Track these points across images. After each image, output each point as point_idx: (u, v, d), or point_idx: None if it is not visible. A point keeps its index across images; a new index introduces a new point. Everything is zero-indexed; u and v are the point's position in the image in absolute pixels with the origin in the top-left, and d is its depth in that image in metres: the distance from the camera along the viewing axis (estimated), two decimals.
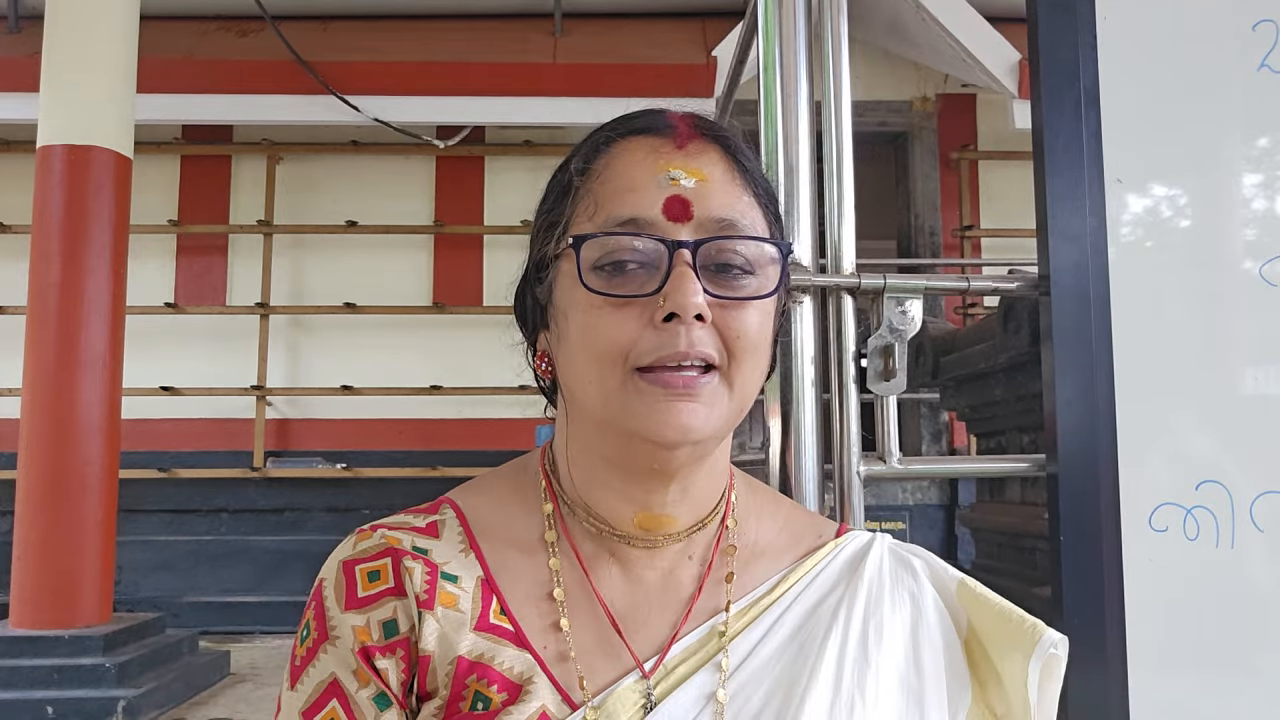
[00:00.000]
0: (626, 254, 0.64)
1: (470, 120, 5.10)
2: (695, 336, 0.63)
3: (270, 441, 5.48)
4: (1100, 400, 1.04)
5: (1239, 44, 1.09)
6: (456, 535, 0.72)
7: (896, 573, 0.74)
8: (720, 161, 0.68)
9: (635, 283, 0.64)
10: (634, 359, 0.63)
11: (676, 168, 0.66)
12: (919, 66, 5.74)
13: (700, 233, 0.65)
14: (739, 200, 0.67)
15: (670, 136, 0.68)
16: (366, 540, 0.70)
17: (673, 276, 0.63)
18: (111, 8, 3.90)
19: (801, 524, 0.79)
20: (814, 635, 0.69)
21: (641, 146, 0.68)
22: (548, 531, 0.72)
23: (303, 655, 0.68)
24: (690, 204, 0.65)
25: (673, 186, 0.65)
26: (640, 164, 0.67)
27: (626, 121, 0.70)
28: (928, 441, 5.60)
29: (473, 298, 5.56)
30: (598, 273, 0.64)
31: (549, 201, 0.71)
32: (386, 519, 0.73)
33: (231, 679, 4.25)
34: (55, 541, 3.68)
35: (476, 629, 0.67)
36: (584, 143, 0.71)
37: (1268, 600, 1.04)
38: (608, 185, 0.67)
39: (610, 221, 0.65)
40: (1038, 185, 1.07)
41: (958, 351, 2.77)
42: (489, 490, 0.76)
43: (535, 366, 0.74)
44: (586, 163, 0.69)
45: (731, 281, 0.66)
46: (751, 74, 1.22)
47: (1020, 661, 0.69)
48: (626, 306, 0.64)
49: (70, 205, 3.79)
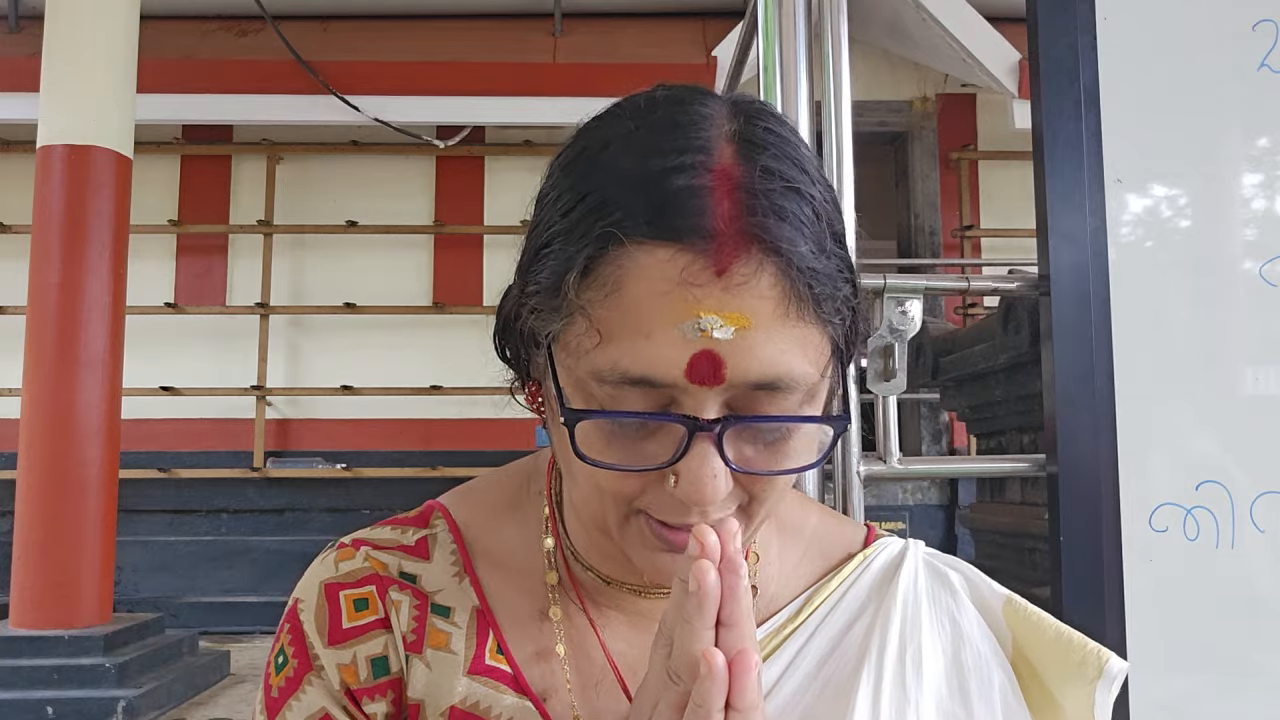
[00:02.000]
0: (634, 425, 0.51)
1: (470, 120, 5.10)
2: (713, 509, 0.51)
3: (270, 442, 5.48)
4: (1100, 400, 1.04)
5: (1239, 44, 1.09)
6: (449, 554, 0.63)
7: (934, 591, 0.65)
8: (772, 289, 0.49)
9: (645, 437, 0.51)
10: (641, 505, 0.53)
11: (710, 312, 0.48)
12: (919, 66, 5.74)
13: (732, 393, 0.50)
14: (790, 342, 0.50)
15: (709, 254, 0.48)
16: (349, 561, 0.62)
17: (690, 455, 0.49)
18: (111, 8, 3.90)
19: (828, 539, 0.69)
20: (842, 669, 0.61)
21: (665, 270, 0.48)
22: (549, 572, 0.63)
23: (281, 686, 0.60)
24: (723, 365, 0.48)
25: (702, 339, 0.48)
26: (662, 299, 0.48)
27: (649, 206, 0.49)
28: (928, 441, 5.59)
29: (473, 298, 5.56)
30: (597, 432, 0.51)
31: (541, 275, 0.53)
32: (370, 532, 0.65)
33: (231, 679, 4.24)
34: (55, 541, 3.67)
35: (471, 672, 0.60)
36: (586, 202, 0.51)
37: (1268, 600, 1.04)
38: (615, 314, 0.49)
39: (615, 373, 0.49)
40: (1038, 185, 1.07)
41: (958, 351, 2.76)
42: (484, 502, 0.67)
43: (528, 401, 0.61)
44: (586, 268, 0.50)
45: (765, 449, 0.52)
46: (751, 74, 1.22)
47: (1085, 691, 0.62)
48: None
49: (70, 205, 3.79)
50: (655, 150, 0.50)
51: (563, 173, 0.54)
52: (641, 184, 0.49)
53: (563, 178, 0.54)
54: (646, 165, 0.50)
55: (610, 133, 0.53)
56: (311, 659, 0.60)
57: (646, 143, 0.51)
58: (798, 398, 0.51)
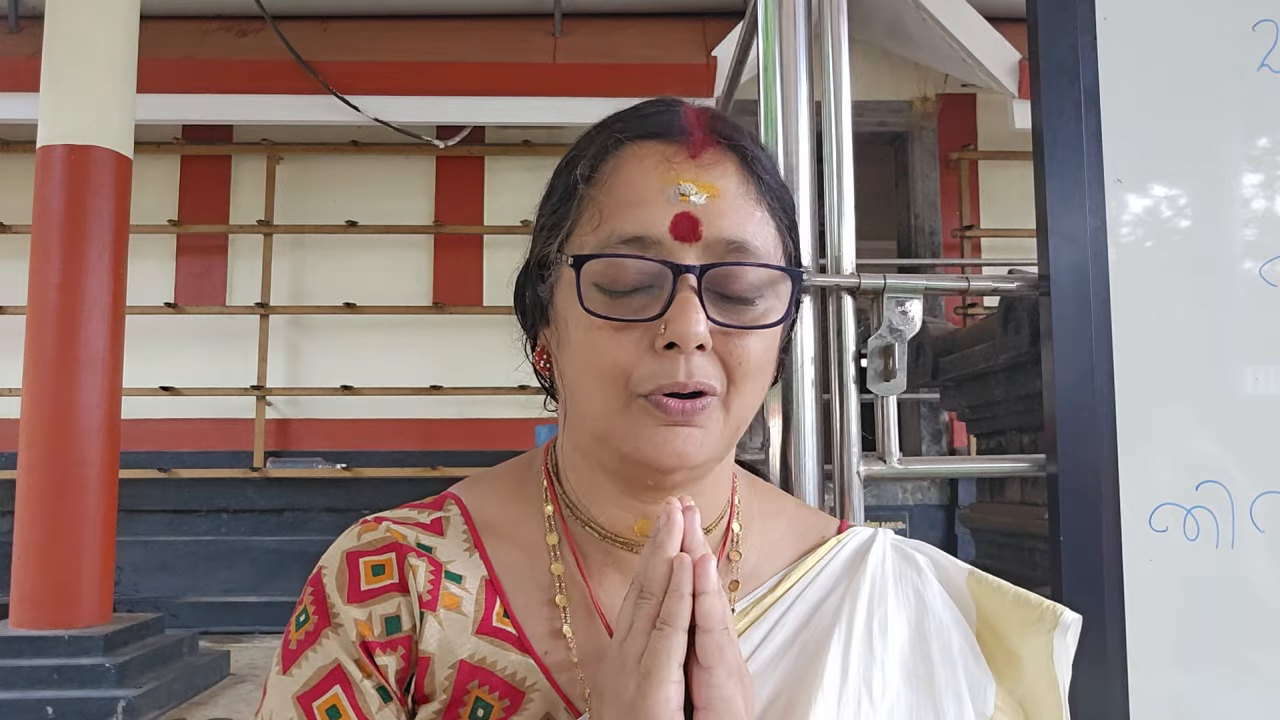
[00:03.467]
0: (629, 275, 0.62)
1: (470, 120, 5.10)
2: (695, 365, 0.61)
3: (270, 441, 5.48)
4: (1100, 400, 1.04)
5: (1239, 44, 1.09)
6: (461, 533, 0.71)
7: (900, 569, 0.73)
8: (735, 173, 0.65)
9: (637, 304, 0.62)
10: (634, 384, 0.62)
11: (687, 181, 0.63)
12: (919, 66, 5.74)
13: (708, 254, 0.62)
14: (752, 217, 0.64)
15: (684, 143, 0.64)
16: (371, 533, 0.69)
17: (675, 302, 0.61)
18: (111, 8, 3.90)
19: (804, 523, 0.79)
20: (817, 634, 0.69)
21: (652, 154, 0.64)
22: (549, 534, 0.71)
23: (300, 639, 0.65)
24: (700, 223, 0.62)
25: (682, 203, 0.62)
26: (649, 174, 0.63)
27: (639, 121, 0.67)
28: (928, 441, 5.59)
29: (473, 298, 5.56)
30: (598, 291, 0.63)
31: (553, 200, 0.69)
32: (390, 512, 0.72)
33: (231, 679, 4.24)
34: (55, 541, 3.68)
35: (479, 632, 0.66)
36: (593, 139, 0.68)
37: (1268, 600, 1.04)
38: (614, 195, 0.64)
39: (614, 237, 0.62)
40: (1038, 185, 1.07)
41: (958, 351, 2.77)
42: (492, 487, 0.75)
43: (535, 362, 0.73)
44: (593, 167, 0.66)
45: (737, 308, 0.64)
46: (751, 74, 1.22)
47: (1044, 642, 0.70)
48: (628, 329, 0.62)
49: (70, 205, 3.79)
50: (644, 108, 0.69)
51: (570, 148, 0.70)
52: (632, 116, 0.68)
53: (570, 149, 0.70)
54: (636, 112, 0.68)
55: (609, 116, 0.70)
56: (330, 615, 0.65)
57: (637, 109, 0.69)
58: (759, 276, 0.64)
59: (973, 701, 0.68)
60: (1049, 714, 0.70)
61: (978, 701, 0.68)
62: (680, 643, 0.57)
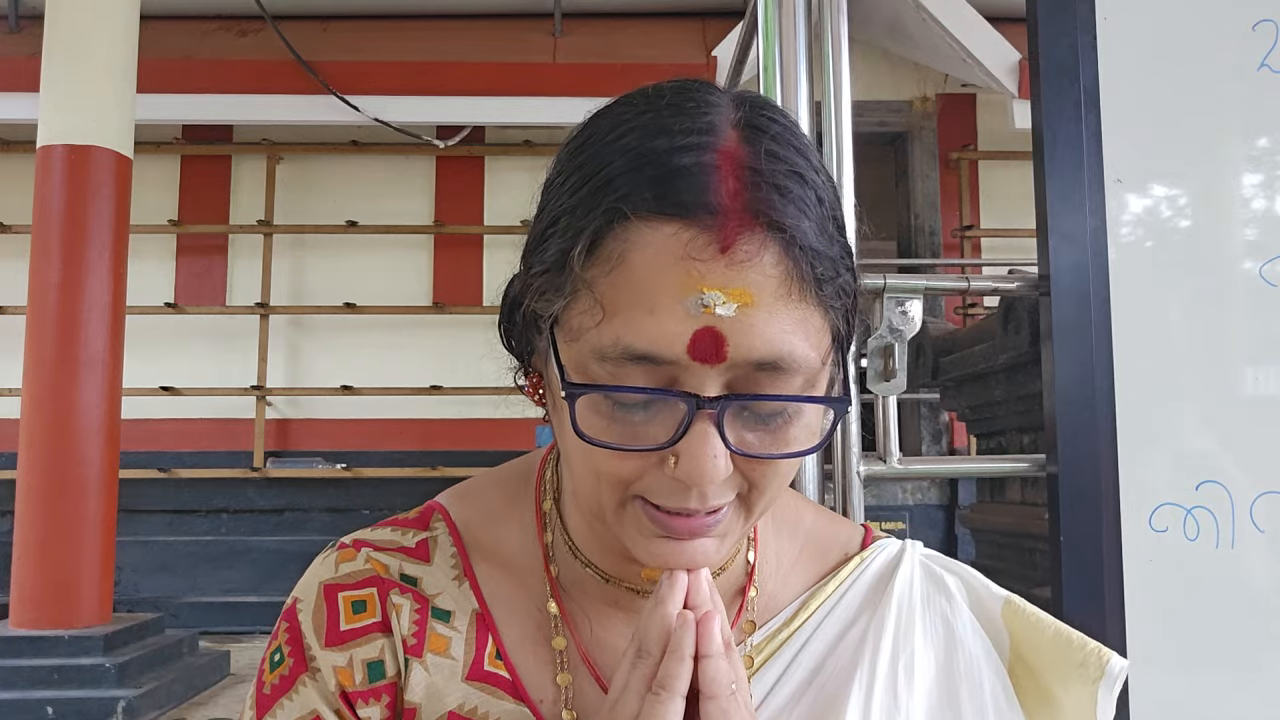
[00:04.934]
0: (636, 397, 0.51)
1: (470, 120, 5.10)
2: (712, 492, 0.51)
3: (270, 442, 5.48)
4: (1100, 400, 1.04)
5: (1239, 44, 1.09)
6: (449, 557, 0.64)
7: (929, 594, 0.66)
8: (776, 266, 0.49)
9: (645, 419, 0.51)
10: (638, 490, 0.53)
11: (713, 288, 0.48)
12: (919, 66, 5.74)
13: (733, 373, 0.50)
14: (792, 323, 0.50)
15: (713, 229, 0.48)
16: (349, 563, 0.62)
17: (690, 435, 0.50)
18: (111, 8, 3.90)
19: (825, 537, 0.70)
20: (836, 677, 0.62)
21: (670, 244, 0.48)
22: (549, 564, 0.64)
23: (275, 684, 0.60)
24: (725, 342, 0.48)
25: (705, 315, 0.48)
26: (665, 274, 0.48)
27: (654, 183, 0.49)
28: (928, 441, 5.59)
29: (473, 298, 5.55)
30: (596, 411, 0.51)
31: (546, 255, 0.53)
32: (371, 533, 0.65)
33: (231, 679, 4.24)
34: (55, 541, 3.67)
35: (469, 678, 0.60)
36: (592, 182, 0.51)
37: (1268, 600, 1.04)
38: (619, 291, 0.49)
39: (617, 349, 0.49)
40: (1038, 185, 1.07)
41: (958, 351, 2.76)
42: (483, 502, 0.67)
43: (529, 392, 0.62)
44: (592, 244, 0.50)
45: (766, 434, 0.52)
46: (751, 74, 1.22)
47: (1087, 691, 0.64)
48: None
49: (70, 205, 3.79)
50: (662, 131, 0.51)
51: (570, 156, 0.55)
52: (647, 162, 0.50)
53: (570, 161, 0.54)
54: (653, 144, 0.51)
55: (617, 118, 0.54)
56: (307, 660, 0.60)
57: (653, 125, 0.52)
58: (798, 381, 0.51)
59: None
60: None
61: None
62: (677, 710, 0.51)
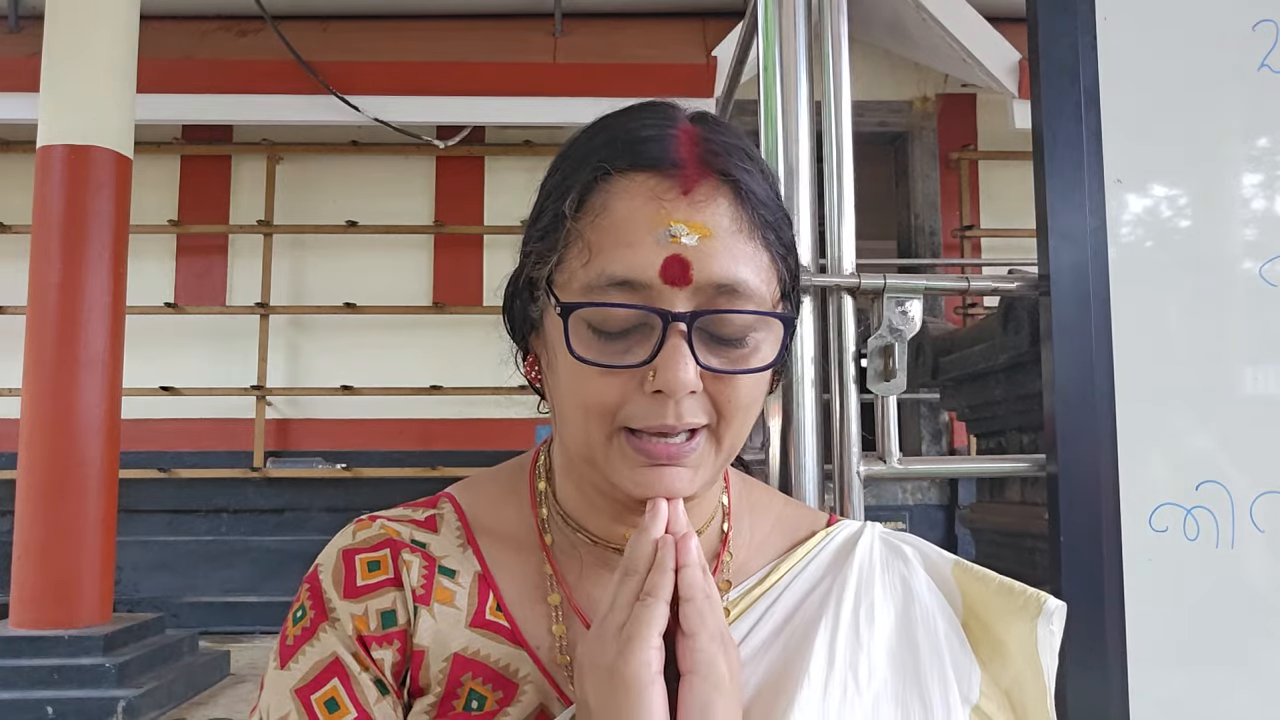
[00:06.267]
0: (618, 319, 0.62)
1: (470, 120, 5.10)
2: (685, 408, 0.62)
3: (270, 441, 5.48)
4: (1100, 400, 1.04)
5: (1239, 44, 1.09)
6: (455, 530, 0.72)
7: (887, 559, 0.74)
8: (728, 209, 0.63)
9: (625, 347, 0.62)
10: (622, 419, 0.63)
11: (678, 221, 0.61)
12: (919, 66, 5.74)
13: (699, 297, 0.61)
14: (744, 256, 0.63)
15: (676, 176, 0.62)
16: (366, 530, 0.70)
17: (665, 349, 0.61)
18: (111, 8, 3.90)
19: (794, 518, 0.80)
20: (804, 623, 0.70)
21: (642, 189, 0.62)
22: (544, 534, 0.72)
23: (297, 635, 0.67)
24: (690, 266, 0.60)
25: (672, 244, 0.60)
26: (639, 212, 0.61)
27: (628, 147, 0.64)
28: (928, 441, 5.59)
29: (473, 298, 5.55)
30: (587, 330, 0.62)
31: (541, 224, 0.67)
32: (385, 511, 0.73)
33: (231, 679, 4.25)
34: (55, 541, 3.67)
35: (472, 625, 0.68)
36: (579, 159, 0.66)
37: (1267, 600, 1.04)
38: (602, 232, 0.62)
39: (602, 278, 0.61)
40: (1038, 185, 1.07)
41: (958, 351, 2.76)
42: (486, 489, 0.76)
43: (526, 372, 0.73)
44: (581, 199, 0.63)
45: (728, 351, 0.63)
46: (751, 74, 1.22)
47: (1028, 628, 0.70)
48: (616, 370, 0.62)
49: (70, 205, 3.79)
50: (632, 121, 0.66)
51: (559, 156, 0.69)
52: (620, 138, 0.65)
53: (559, 157, 0.68)
54: (625, 127, 0.66)
55: (595, 125, 0.68)
56: (327, 610, 0.67)
57: (624, 119, 0.67)
58: (751, 309, 0.63)
59: (959, 687, 0.69)
60: (1034, 702, 0.70)
61: (963, 687, 0.69)
62: (662, 613, 0.59)
